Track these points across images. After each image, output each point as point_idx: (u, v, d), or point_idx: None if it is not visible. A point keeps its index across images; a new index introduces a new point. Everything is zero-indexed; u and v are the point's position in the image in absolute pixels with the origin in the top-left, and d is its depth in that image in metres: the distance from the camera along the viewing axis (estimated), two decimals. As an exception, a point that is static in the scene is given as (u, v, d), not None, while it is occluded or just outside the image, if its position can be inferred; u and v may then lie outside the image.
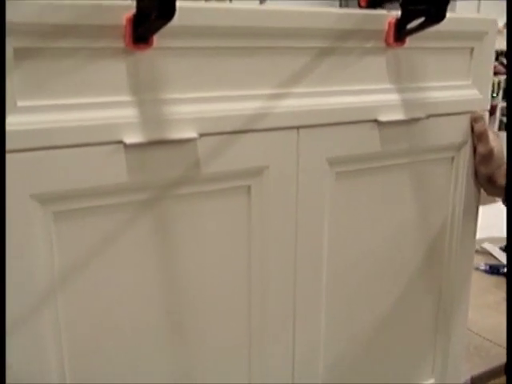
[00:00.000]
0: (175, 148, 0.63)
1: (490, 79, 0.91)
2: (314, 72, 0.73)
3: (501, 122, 5.61)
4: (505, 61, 5.57)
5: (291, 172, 0.73)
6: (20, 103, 0.55)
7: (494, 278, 1.63)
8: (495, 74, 5.45)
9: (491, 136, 0.91)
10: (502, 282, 1.61)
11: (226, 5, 0.65)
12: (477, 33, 0.87)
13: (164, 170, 0.63)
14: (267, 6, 0.67)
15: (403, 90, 0.81)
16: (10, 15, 0.52)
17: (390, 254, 0.88)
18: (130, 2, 0.57)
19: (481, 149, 0.91)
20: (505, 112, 5.70)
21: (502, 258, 1.73)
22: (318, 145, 0.75)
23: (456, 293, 0.98)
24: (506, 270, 1.64)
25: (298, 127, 0.72)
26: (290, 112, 0.71)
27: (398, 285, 0.91)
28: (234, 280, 0.73)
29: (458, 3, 4.74)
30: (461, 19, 0.84)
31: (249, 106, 0.68)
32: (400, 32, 0.76)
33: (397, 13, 0.76)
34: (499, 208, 1.04)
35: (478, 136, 0.90)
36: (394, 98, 0.80)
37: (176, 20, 0.55)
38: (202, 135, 0.64)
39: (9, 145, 0.55)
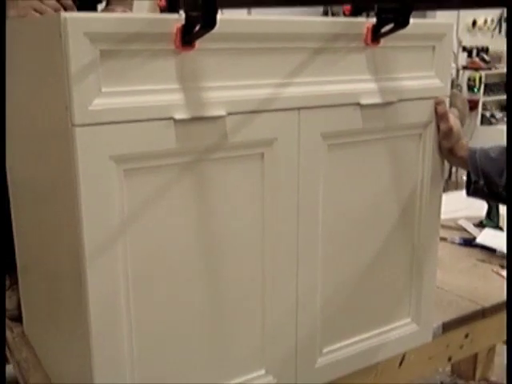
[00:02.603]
0: (209, 123, 0.86)
1: (449, 71, 1.14)
2: (311, 66, 0.95)
3: (483, 116, 5.84)
4: (485, 56, 5.82)
5: (294, 143, 0.96)
6: (103, 89, 0.77)
7: (466, 250, 1.86)
8: (476, 69, 5.68)
9: (451, 117, 1.14)
10: (473, 252, 1.84)
11: (247, 16, 0.88)
12: (437, 34, 1.10)
13: (201, 139, 0.86)
14: (277, 17, 0.89)
15: (379, 80, 1.04)
16: (97, 27, 0.75)
17: (371, 212, 1.11)
18: (177, 16, 0.80)
19: (443, 126, 1.13)
20: (486, 107, 5.94)
21: (475, 232, 1.96)
22: (314, 122, 0.97)
23: (426, 246, 1.21)
24: (476, 241, 1.87)
25: (298, 108, 0.95)
26: (293, 97, 0.94)
27: (379, 237, 1.14)
28: (251, 225, 0.95)
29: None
30: (424, 24, 1.07)
31: (262, 92, 0.90)
32: (375, 35, 0.99)
33: (373, 20, 0.99)
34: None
35: (440, 116, 1.13)
36: (372, 86, 1.03)
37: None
38: (229, 114, 0.87)
39: (95, 119, 0.77)
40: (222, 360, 0.99)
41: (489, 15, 5.78)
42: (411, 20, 0.96)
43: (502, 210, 2.01)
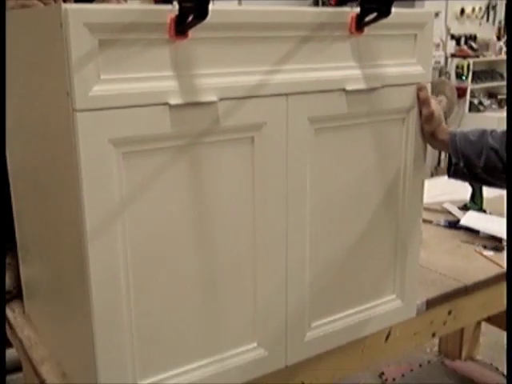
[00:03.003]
0: (202, 108, 0.91)
1: (430, 58, 1.19)
2: (298, 54, 1.00)
3: (471, 103, 5.91)
4: (473, 44, 5.89)
5: (282, 127, 1.01)
6: (102, 77, 0.82)
7: (451, 231, 1.93)
8: (464, 57, 5.75)
9: (432, 102, 1.19)
10: (457, 233, 1.90)
11: (237, 7, 0.92)
12: (418, 23, 1.15)
13: (195, 123, 0.91)
14: (265, 7, 0.94)
15: (363, 67, 1.09)
16: (96, 18, 0.79)
17: (357, 193, 1.16)
18: (171, 7, 0.84)
19: (424, 111, 1.19)
20: (474, 94, 6.02)
21: (459, 215, 2.02)
22: (302, 107, 1.02)
23: (410, 226, 1.27)
24: (460, 223, 1.93)
25: (287, 94, 1.00)
26: (281, 83, 0.99)
27: (365, 217, 1.20)
28: (242, 205, 1.01)
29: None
30: (405, 13, 1.12)
31: (252, 79, 0.95)
32: (359, 24, 1.04)
33: (357, 9, 1.04)
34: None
35: (422, 101, 1.18)
36: (356, 72, 1.08)
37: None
38: (221, 99, 0.92)
39: (95, 105, 0.81)
40: (217, 333, 1.05)
41: (476, 4, 5.85)
42: (393, 9, 1.01)
43: (486, 193, 2.08)
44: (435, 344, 2.69)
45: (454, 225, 1.95)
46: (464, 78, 5.68)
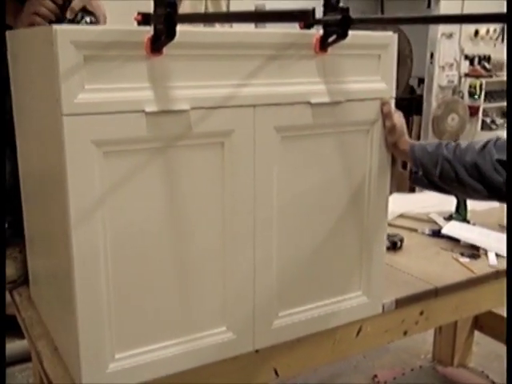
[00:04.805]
0: (176, 115, 1.04)
1: (393, 76, 1.31)
2: (265, 70, 1.13)
3: (483, 121, 5.97)
4: (486, 64, 5.97)
5: (250, 134, 1.14)
6: (86, 86, 0.96)
7: (434, 240, 2.03)
8: (477, 76, 5.84)
9: (395, 115, 1.31)
10: (439, 242, 2.00)
11: (209, 28, 1.06)
12: (382, 44, 1.27)
13: (168, 129, 1.05)
14: (234, 29, 1.08)
15: (328, 82, 1.21)
16: (81, 36, 0.94)
17: (323, 196, 1.28)
18: (149, 28, 0.98)
19: (387, 124, 1.31)
20: (487, 113, 6.08)
21: (444, 224, 2.12)
22: (268, 117, 1.15)
23: (374, 228, 1.38)
24: (442, 232, 2.03)
25: (254, 105, 1.13)
26: (248, 95, 1.12)
27: (331, 218, 1.31)
28: (213, 203, 1.14)
29: (442, 3, 5.19)
30: (369, 36, 1.25)
31: (221, 91, 1.09)
32: (323, 44, 1.17)
33: (321, 32, 1.17)
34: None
35: (385, 115, 1.30)
36: (321, 87, 1.21)
37: (177, 38, 0.96)
38: (192, 108, 1.05)
39: (80, 110, 0.96)
40: (189, 315, 1.17)
41: (491, 26, 5.93)
42: (356, 32, 1.14)
43: (474, 206, 2.18)
44: (429, 351, 2.78)
45: (437, 233, 2.05)
46: (477, 97, 5.76)
